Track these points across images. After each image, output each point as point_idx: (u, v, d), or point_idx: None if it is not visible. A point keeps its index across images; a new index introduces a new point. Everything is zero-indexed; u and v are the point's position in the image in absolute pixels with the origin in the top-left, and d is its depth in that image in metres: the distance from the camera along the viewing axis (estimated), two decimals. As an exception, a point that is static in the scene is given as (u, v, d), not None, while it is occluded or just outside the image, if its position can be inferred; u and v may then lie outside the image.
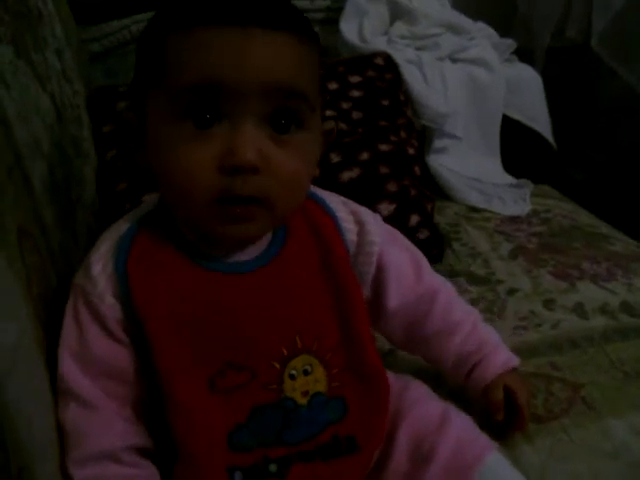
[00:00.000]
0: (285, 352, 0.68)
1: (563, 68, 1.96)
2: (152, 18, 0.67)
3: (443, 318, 0.82)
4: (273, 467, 0.67)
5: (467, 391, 0.83)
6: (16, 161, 0.70)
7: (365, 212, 0.79)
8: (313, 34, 0.67)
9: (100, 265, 0.67)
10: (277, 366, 0.68)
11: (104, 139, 1.20)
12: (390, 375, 0.77)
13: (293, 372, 0.68)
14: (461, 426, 0.73)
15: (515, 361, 0.82)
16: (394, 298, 0.80)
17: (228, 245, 0.69)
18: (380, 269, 0.79)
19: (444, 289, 0.84)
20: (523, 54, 1.74)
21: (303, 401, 0.69)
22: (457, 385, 0.84)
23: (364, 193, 1.17)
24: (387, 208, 1.17)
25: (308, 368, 0.69)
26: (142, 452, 0.68)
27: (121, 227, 0.70)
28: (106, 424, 0.66)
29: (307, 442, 0.69)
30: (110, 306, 0.66)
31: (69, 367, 0.66)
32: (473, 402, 0.82)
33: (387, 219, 1.14)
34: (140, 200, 1.04)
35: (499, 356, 0.81)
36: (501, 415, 0.79)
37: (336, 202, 0.78)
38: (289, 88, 0.62)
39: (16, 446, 0.54)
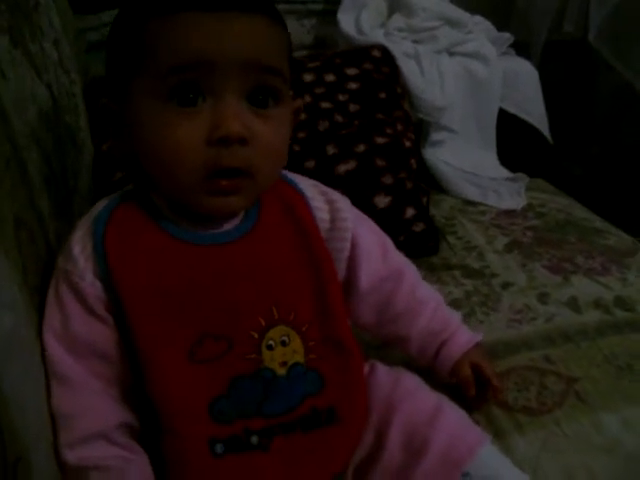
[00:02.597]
0: (263, 322, 0.70)
1: (560, 62, 1.96)
2: (127, 5, 0.69)
3: (409, 297, 0.84)
4: (254, 439, 0.68)
5: (434, 370, 0.85)
6: (13, 150, 0.70)
7: (335, 193, 0.81)
8: (282, 18, 0.70)
9: (80, 246, 0.68)
10: (255, 336, 0.69)
11: (100, 129, 1.20)
12: (382, 367, 0.78)
13: (271, 342, 0.70)
14: (454, 418, 0.74)
15: (477, 337, 0.85)
16: (365, 278, 0.81)
17: (206, 220, 0.70)
18: (353, 247, 0.80)
19: (409, 269, 0.87)
20: (520, 48, 1.74)
21: (282, 371, 0.70)
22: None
23: (360, 185, 1.17)
24: (383, 201, 1.17)
25: (285, 339, 0.71)
26: (131, 431, 0.69)
27: (97, 208, 0.71)
28: (94, 403, 0.67)
29: (287, 414, 0.70)
30: (91, 284, 0.67)
31: (54, 348, 0.66)
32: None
33: (383, 211, 1.16)
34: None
35: (463, 335, 0.85)
36: (473, 390, 0.82)
37: (306, 184, 0.80)
38: (267, 64, 0.66)
39: (12, 435, 0.55)
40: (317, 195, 0.79)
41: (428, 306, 0.85)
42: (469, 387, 0.82)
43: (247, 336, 0.69)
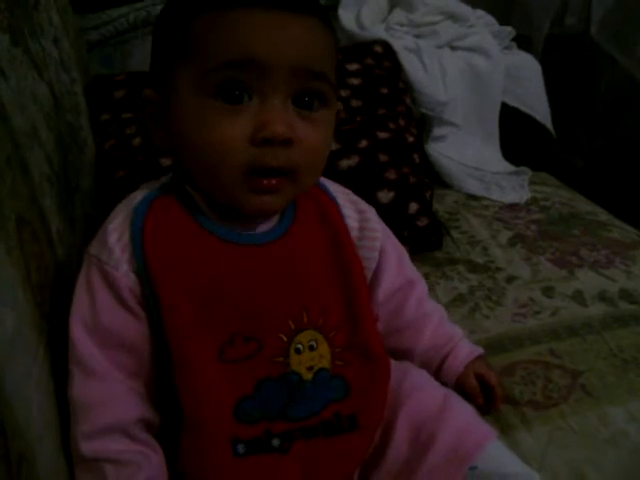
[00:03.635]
0: (292, 326, 0.70)
1: (562, 56, 1.96)
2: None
3: (416, 309, 0.85)
4: (276, 442, 0.68)
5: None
6: (14, 149, 0.70)
7: (364, 203, 0.83)
8: (331, 20, 0.71)
9: (116, 234, 0.67)
10: (284, 339, 0.69)
11: (102, 128, 1.20)
12: (391, 362, 0.78)
13: (299, 346, 0.70)
14: (461, 413, 0.74)
15: (478, 350, 0.86)
16: (382, 290, 0.83)
17: (244, 218, 0.70)
18: (380, 259, 0.82)
19: (419, 283, 0.88)
20: (522, 42, 1.73)
21: (308, 376, 0.70)
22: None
23: (363, 181, 1.16)
24: (386, 196, 1.16)
25: (313, 344, 0.71)
26: (150, 427, 0.69)
27: (136, 198, 0.71)
28: (116, 395, 0.67)
29: (309, 418, 0.70)
30: (125, 275, 0.66)
31: (80, 335, 0.66)
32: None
33: (386, 207, 1.15)
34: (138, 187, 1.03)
35: (465, 348, 0.85)
36: (481, 399, 0.82)
37: (336, 190, 0.81)
38: (317, 70, 0.66)
39: (15, 433, 0.55)
40: (347, 203, 0.80)
41: (433, 319, 0.86)
42: (476, 397, 0.82)
43: (276, 339, 0.69)
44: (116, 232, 0.68)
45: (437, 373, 0.84)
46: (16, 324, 0.59)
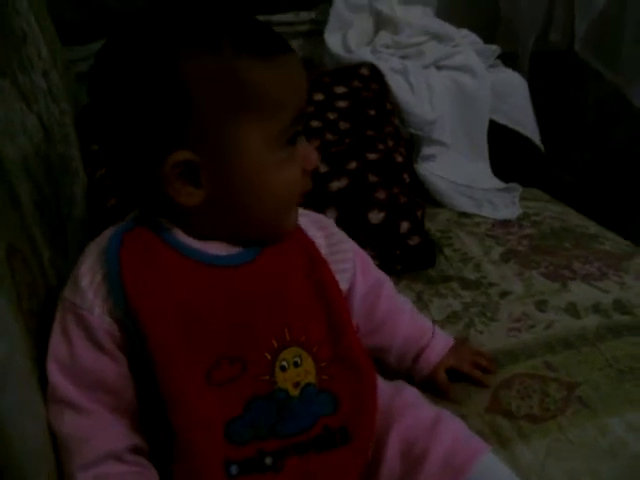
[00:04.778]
0: (275, 344, 0.70)
1: (548, 72, 1.97)
2: (212, 45, 0.65)
3: (388, 306, 0.89)
4: (269, 460, 0.68)
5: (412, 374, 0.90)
6: (3, 179, 0.70)
7: (323, 219, 0.86)
8: None
9: (88, 277, 0.68)
10: (269, 357, 0.70)
11: (93, 157, 1.21)
12: (382, 381, 0.79)
13: (284, 364, 0.70)
14: (454, 428, 0.74)
15: (451, 341, 0.92)
16: (357, 294, 0.85)
17: (222, 242, 0.72)
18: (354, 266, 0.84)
19: (385, 280, 0.91)
20: (508, 59, 1.75)
21: (295, 392, 0.70)
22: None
23: (353, 202, 1.17)
24: (377, 216, 1.17)
25: (298, 360, 0.71)
26: (141, 452, 0.69)
27: (105, 236, 0.71)
28: (104, 427, 0.67)
29: (300, 435, 0.70)
30: (99, 317, 0.67)
31: (58, 378, 0.66)
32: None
33: (377, 227, 1.16)
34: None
35: (439, 342, 0.91)
36: (451, 395, 0.88)
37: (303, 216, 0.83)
38: None
39: (10, 461, 0.55)
40: (308, 224, 0.81)
41: (405, 313, 0.91)
42: (447, 392, 0.88)
43: (260, 357, 0.69)
44: (88, 275, 0.68)
45: (411, 367, 0.89)
46: (8, 352, 0.58)
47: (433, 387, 0.88)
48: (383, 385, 0.77)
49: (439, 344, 0.90)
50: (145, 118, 0.65)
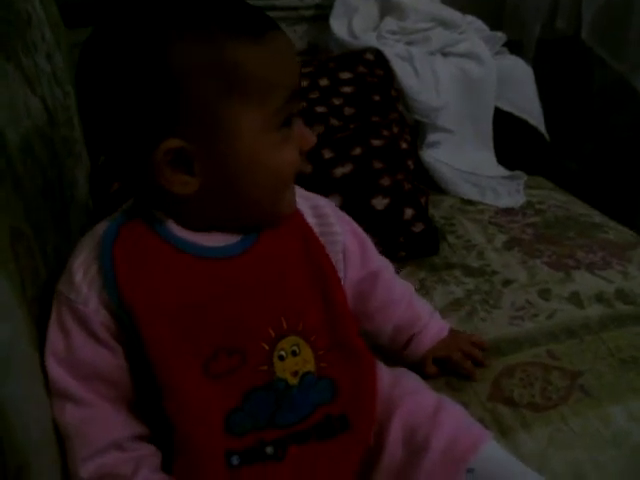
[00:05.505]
0: (273, 333, 0.70)
1: (554, 59, 1.96)
2: (193, 28, 0.63)
3: (384, 296, 0.88)
4: (270, 449, 0.68)
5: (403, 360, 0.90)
6: (7, 164, 0.70)
7: (320, 199, 0.83)
8: None
9: (82, 271, 0.67)
10: (266, 347, 0.69)
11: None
12: (383, 368, 0.79)
13: (282, 353, 0.70)
14: (455, 416, 0.74)
15: (445, 331, 0.92)
16: (348, 281, 0.83)
17: (217, 233, 0.71)
18: (344, 254, 0.82)
19: (385, 268, 0.90)
20: (513, 47, 1.74)
21: (294, 381, 0.70)
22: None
23: (358, 188, 1.17)
24: (381, 202, 1.17)
25: (296, 349, 0.71)
26: (143, 439, 0.70)
27: (99, 229, 0.70)
28: (105, 417, 0.67)
29: (300, 423, 0.70)
30: (94, 310, 0.66)
31: (57, 371, 0.66)
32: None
33: (381, 213, 1.15)
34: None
35: (430, 331, 0.91)
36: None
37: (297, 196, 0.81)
38: None
39: (13, 446, 0.55)
40: (306, 209, 0.80)
41: (401, 305, 0.90)
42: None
43: (258, 348, 0.69)
44: (81, 268, 0.68)
45: (401, 351, 0.90)
46: (12, 337, 0.58)
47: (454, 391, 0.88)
48: (384, 372, 0.78)
49: (429, 333, 0.90)
50: (133, 105, 0.63)
